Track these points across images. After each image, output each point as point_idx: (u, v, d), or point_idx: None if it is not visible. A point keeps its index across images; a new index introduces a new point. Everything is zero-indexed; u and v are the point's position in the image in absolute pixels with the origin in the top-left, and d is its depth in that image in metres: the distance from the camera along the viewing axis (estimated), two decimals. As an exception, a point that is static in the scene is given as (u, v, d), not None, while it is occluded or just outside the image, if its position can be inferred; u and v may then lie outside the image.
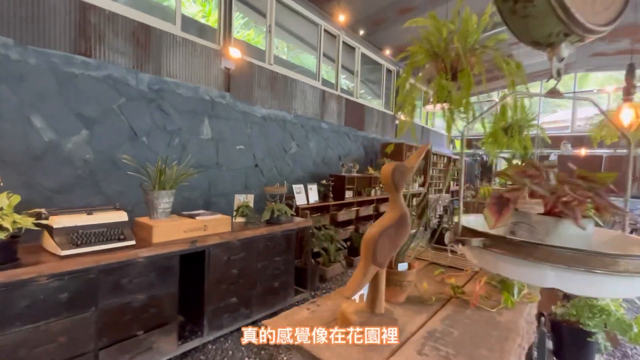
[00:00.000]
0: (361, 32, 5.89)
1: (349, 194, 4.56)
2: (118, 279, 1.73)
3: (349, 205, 4.55)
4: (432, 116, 9.43)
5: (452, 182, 8.00)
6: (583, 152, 6.31)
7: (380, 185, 5.29)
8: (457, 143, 11.14)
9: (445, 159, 7.79)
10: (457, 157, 8.72)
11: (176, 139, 3.05)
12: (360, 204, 4.78)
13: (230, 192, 3.57)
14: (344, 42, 5.70)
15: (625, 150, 6.56)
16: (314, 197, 4.08)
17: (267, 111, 4.11)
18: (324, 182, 4.24)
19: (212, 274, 2.20)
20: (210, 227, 2.22)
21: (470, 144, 10.94)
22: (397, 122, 7.40)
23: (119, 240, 1.79)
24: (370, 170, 5.21)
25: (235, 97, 3.70)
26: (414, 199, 6.36)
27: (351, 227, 4.46)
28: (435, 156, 7.05)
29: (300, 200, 3.83)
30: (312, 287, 3.18)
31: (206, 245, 2.14)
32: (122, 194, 2.63)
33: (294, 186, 3.89)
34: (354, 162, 4.84)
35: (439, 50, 2.46)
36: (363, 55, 6.27)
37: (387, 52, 6.65)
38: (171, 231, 2.02)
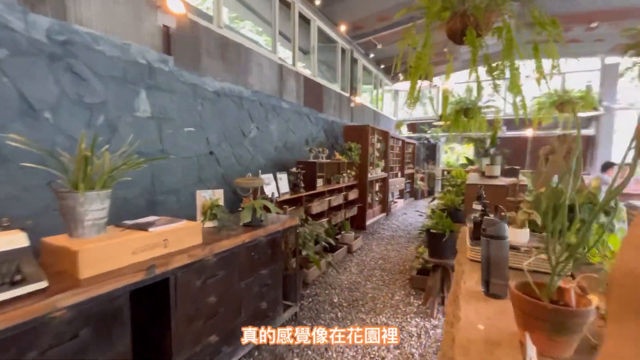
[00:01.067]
0: (317, 2, 5.28)
1: (319, 183, 4.04)
2: (18, 354, 0.96)
3: (321, 195, 4.04)
4: (382, 99, 9.35)
5: (404, 165, 8.03)
6: (529, 132, 6.79)
7: (348, 171, 4.88)
8: (399, 125, 11.36)
9: (401, 142, 7.75)
10: (410, 140, 8.80)
11: (100, 117, 2.14)
12: (331, 192, 4.31)
13: (182, 187, 2.77)
14: (299, 14, 5.04)
15: (556, 130, 7.11)
16: (284, 187, 3.47)
17: (221, 85, 3.31)
18: (294, 169, 3.65)
19: (182, 309, 1.50)
20: (173, 240, 1.50)
21: (414, 127, 11.25)
22: (352, 104, 7.05)
23: (13, 284, 1.00)
24: (337, 155, 4.75)
25: (180, 65, 2.84)
26: (377, 184, 6.13)
27: (324, 220, 3.97)
28: (392, 140, 6.91)
29: (269, 192, 3.18)
30: (298, 297, 2.63)
31: (170, 270, 1.43)
32: (14, 201, 1.70)
33: (261, 176, 3.22)
34: (322, 147, 4.32)
35: (451, 6, 2.06)
36: (318, 32, 5.68)
37: (343, 28, 6.17)
38: (112, 255, 1.27)
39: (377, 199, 5.94)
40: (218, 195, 2.04)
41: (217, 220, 1.89)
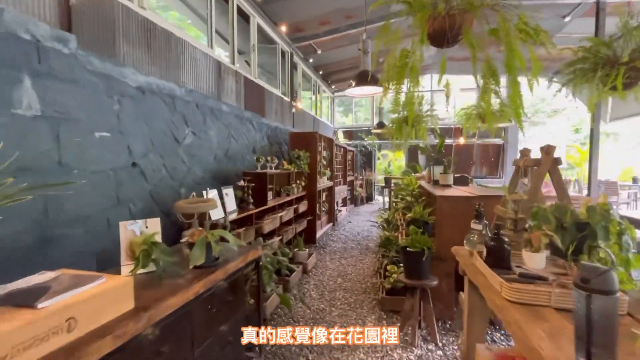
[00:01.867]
0: (258, -4, 4.81)
1: (268, 197, 3.57)
2: None
3: (272, 210, 3.57)
4: (319, 106, 9.21)
5: (346, 173, 7.98)
6: (461, 141, 7.29)
7: (298, 181, 4.49)
8: (339, 135, 11.45)
9: (342, 149, 7.67)
10: (350, 148, 8.80)
11: (-54, 113, 1.37)
12: (281, 206, 3.86)
13: (93, 212, 2.03)
14: (238, 8, 4.51)
15: (474, 139, 7.87)
16: (230, 205, 2.91)
17: (146, 79, 2.63)
18: (241, 183, 3.11)
19: None
20: (85, 316, 0.92)
21: (351, 135, 11.41)
22: (293, 110, 6.70)
23: None
24: (286, 165, 4.32)
25: (88, 48, 2.12)
26: (324, 194, 5.87)
27: (276, 239, 3.51)
28: (335, 147, 6.75)
29: (215, 213, 2.60)
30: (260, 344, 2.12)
31: (81, 371, 0.85)
32: None
33: (204, 193, 2.62)
34: (271, 156, 3.85)
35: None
36: (257, 31, 5.21)
37: (283, 28, 5.80)
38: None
39: (324, 209, 5.67)
40: (153, 228, 1.45)
41: (157, 266, 1.32)
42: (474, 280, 1.41)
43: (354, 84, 3.99)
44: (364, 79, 3.92)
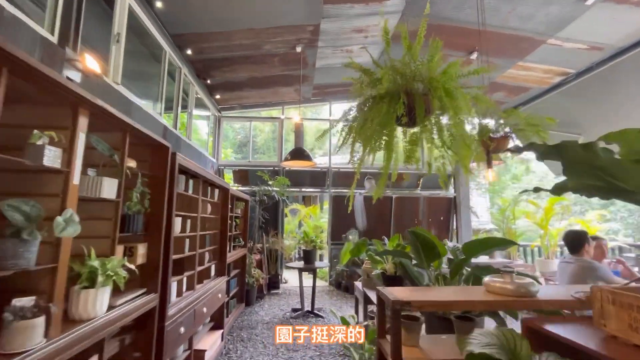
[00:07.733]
0: None
1: None
2: None
3: None
4: (184, 126, 5.05)
5: (227, 244, 3.75)
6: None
7: None
8: (227, 178, 7.26)
9: (220, 193, 3.50)
10: (242, 195, 4.63)
11: None
12: None
13: None
14: None
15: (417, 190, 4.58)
16: None
17: None
18: None
19: None
20: None
21: (246, 177, 7.34)
22: (74, 66, 2.41)
23: None
24: None
25: None
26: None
27: None
28: (210, 188, 2.62)
29: None
30: None
31: None
32: None
33: None
34: None
35: None
36: None
37: None
38: None
39: None
40: None
41: None
42: None
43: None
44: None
